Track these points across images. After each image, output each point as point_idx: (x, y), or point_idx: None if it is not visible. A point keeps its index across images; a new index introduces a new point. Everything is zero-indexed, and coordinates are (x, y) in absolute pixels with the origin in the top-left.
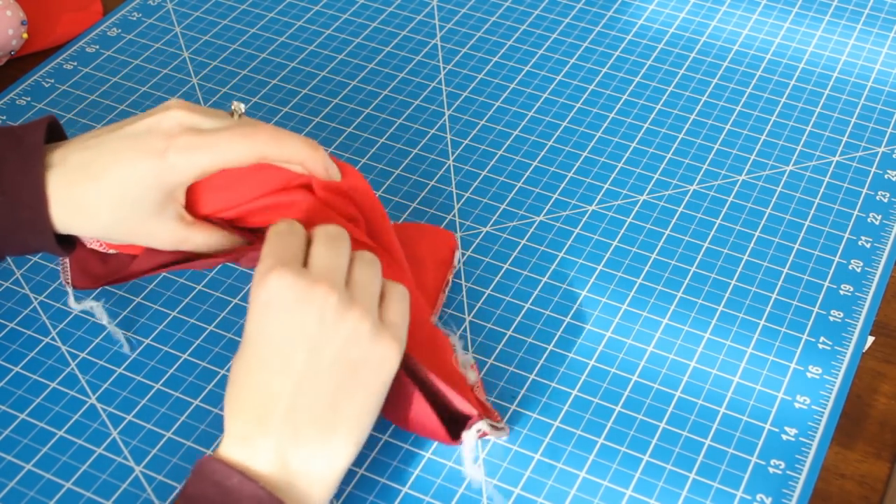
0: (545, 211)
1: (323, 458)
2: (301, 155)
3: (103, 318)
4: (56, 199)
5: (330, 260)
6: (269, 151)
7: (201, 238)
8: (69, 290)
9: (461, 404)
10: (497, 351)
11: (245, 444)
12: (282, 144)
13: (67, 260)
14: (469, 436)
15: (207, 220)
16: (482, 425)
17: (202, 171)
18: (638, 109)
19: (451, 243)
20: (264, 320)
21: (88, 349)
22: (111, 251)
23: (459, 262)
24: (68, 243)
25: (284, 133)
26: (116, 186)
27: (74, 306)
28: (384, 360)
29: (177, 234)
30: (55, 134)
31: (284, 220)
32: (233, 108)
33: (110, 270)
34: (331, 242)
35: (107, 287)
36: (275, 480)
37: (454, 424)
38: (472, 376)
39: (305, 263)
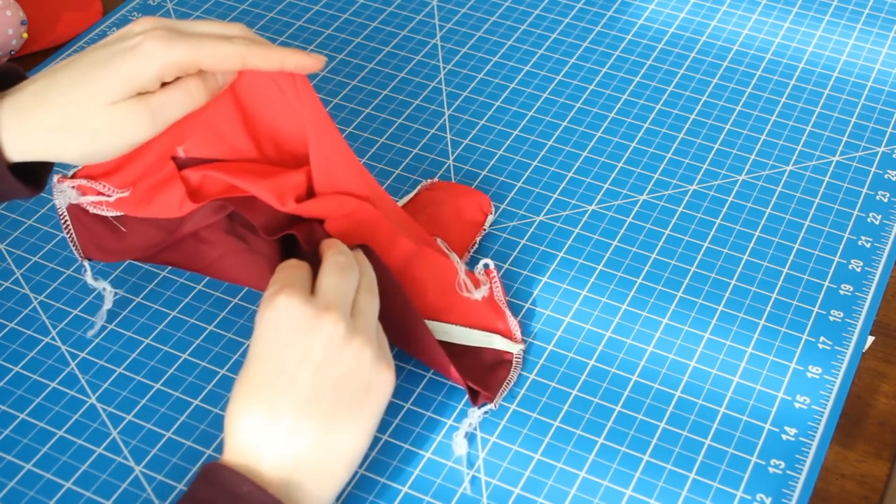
0: (545, 211)
1: (323, 472)
2: (283, 59)
3: (108, 302)
4: (9, 126)
5: (339, 289)
6: (251, 58)
7: (173, 98)
8: (86, 264)
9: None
10: None
11: (251, 455)
12: (263, 48)
13: (73, 231)
14: (475, 412)
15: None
16: (489, 407)
17: (179, 62)
18: (638, 109)
19: (484, 207)
20: (272, 340)
21: (88, 349)
22: (112, 212)
23: (489, 225)
24: (33, 184)
25: (265, 42)
26: (81, 76)
27: (91, 282)
28: (382, 384)
29: (144, 109)
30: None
31: (294, 259)
32: None
33: (127, 247)
34: (340, 272)
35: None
36: (276, 489)
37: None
38: (480, 293)
39: (312, 292)
